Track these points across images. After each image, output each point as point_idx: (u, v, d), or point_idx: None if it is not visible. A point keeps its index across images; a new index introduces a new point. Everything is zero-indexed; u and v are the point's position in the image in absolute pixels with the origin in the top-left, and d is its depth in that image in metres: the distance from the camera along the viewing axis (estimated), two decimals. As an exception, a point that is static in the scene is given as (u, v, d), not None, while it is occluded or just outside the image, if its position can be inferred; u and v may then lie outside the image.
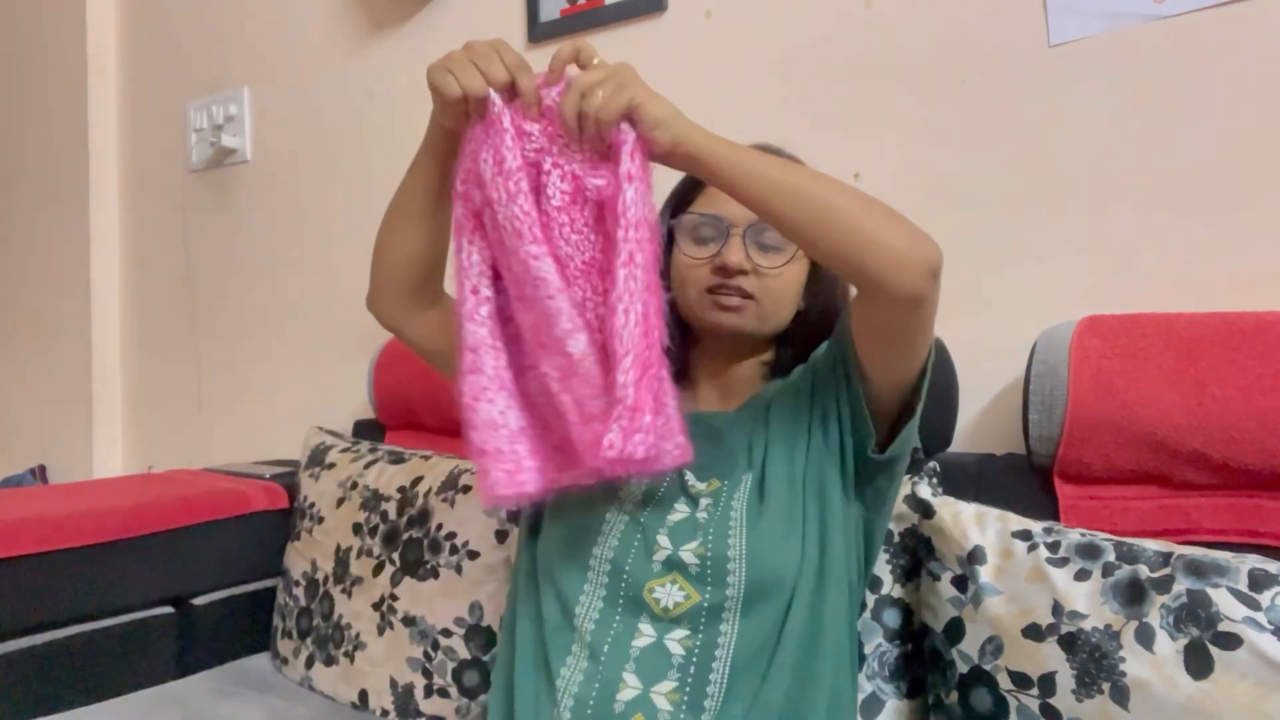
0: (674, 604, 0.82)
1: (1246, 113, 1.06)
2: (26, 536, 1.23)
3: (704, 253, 0.91)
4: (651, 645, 0.81)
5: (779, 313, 0.93)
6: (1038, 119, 1.18)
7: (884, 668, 0.96)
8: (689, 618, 0.82)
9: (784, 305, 0.93)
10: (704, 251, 0.91)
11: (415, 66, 1.79)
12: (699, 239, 0.92)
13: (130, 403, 2.36)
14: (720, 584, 0.82)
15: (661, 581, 0.83)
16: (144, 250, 2.33)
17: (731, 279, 0.89)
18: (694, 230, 0.93)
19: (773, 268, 0.90)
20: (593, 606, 0.85)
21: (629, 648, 0.81)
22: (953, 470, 1.05)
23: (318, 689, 1.32)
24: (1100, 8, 1.13)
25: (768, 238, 0.90)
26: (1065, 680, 0.80)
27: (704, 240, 0.92)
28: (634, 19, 1.51)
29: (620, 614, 0.83)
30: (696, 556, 0.83)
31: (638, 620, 0.83)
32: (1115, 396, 0.94)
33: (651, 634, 0.82)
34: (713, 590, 0.82)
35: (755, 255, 0.90)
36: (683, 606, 0.82)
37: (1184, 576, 0.79)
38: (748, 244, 0.90)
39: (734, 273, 0.89)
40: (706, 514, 0.86)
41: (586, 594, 0.85)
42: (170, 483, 1.56)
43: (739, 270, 0.89)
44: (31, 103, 2.44)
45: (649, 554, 0.85)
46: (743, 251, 0.89)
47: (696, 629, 0.81)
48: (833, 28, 1.33)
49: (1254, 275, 1.05)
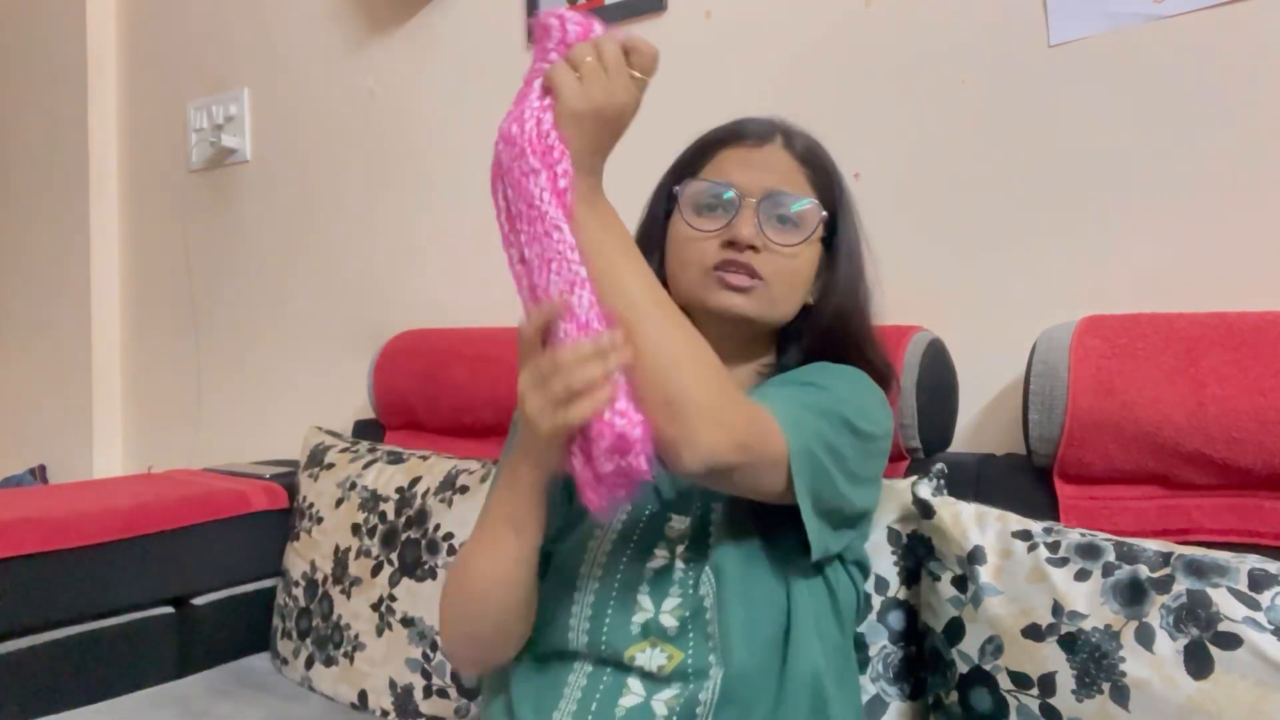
0: (658, 666, 0.77)
1: (1246, 113, 1.06)
2: (26, 536, 1.23)
3: (711, 224, 0.82)
4: (638, 705, 0.77)
5: (789, 299, 0.85)
6: (1038, 119, 1.18)
7: (888, 669, 0.96)
8: (678, 675, 0.77)
9: (795, 291, 0.85)
10: (711, 223, 0.82)
11: (415, 66, 1.81)
12: (706, 209, 0.83)
13: (130, 403, 2.36)
14: (701, 644, 0.77)
15: (641, 648, 0.78)
16: (144, 250, 2.33)
17: (741, 254, 0.80)
18: (700, 199, 0.84)
19: (788, 245, 0.82)
20: (581, 671, 0.79)
21: (615, 707, 0.77)
22: (953, 470, 1.05)
23: (317, 689, 1.32)
24: (1100, 8, 1.13)
25: (784, 211, 0.82)
26: (1065, 680, 0.80)
27: (711, 210, 0.83)
28: (634, 19, 1.51)
29: (608, 674, 0.78)
30: (676, 619, 0.78)
31: (626, 677, 0.78)
32: (1115, 396, 0.94)
33: (640, 693, 0.77)
34: (694, 652, 0.77)
35: (770, 230, 0.81)
36: (667, 668, 0.77)
37: (1184, 576, 0.79)
38: (761, 217, 0.81)
39: (744, 248, 0.80)
40: (684, 563, 0.80)
41: (572, 659, 0.80)
42: (170, 483, 1.56)
43: (750, 245, 0.80)
44: (31, 103, 2.44)
45: (628, 616, 0.79)
46: (755, 224, 0.81)
47: (685, 683, 0.77)
48: (833, 28, 1.33)
49: (1254, 275, 1.05)
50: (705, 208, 0.83)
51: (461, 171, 1.73)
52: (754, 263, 0.81)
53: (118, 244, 2.37)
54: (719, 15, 1.44)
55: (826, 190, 0.87)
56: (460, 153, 1.74)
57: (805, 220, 0.83)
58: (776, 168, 0.85)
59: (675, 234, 0.85)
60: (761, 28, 1.40)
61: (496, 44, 1.68)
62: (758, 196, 0.81)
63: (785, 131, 0.88)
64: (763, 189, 0.82)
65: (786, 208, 0.82)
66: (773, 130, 0.88)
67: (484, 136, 1.46)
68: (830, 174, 0.89)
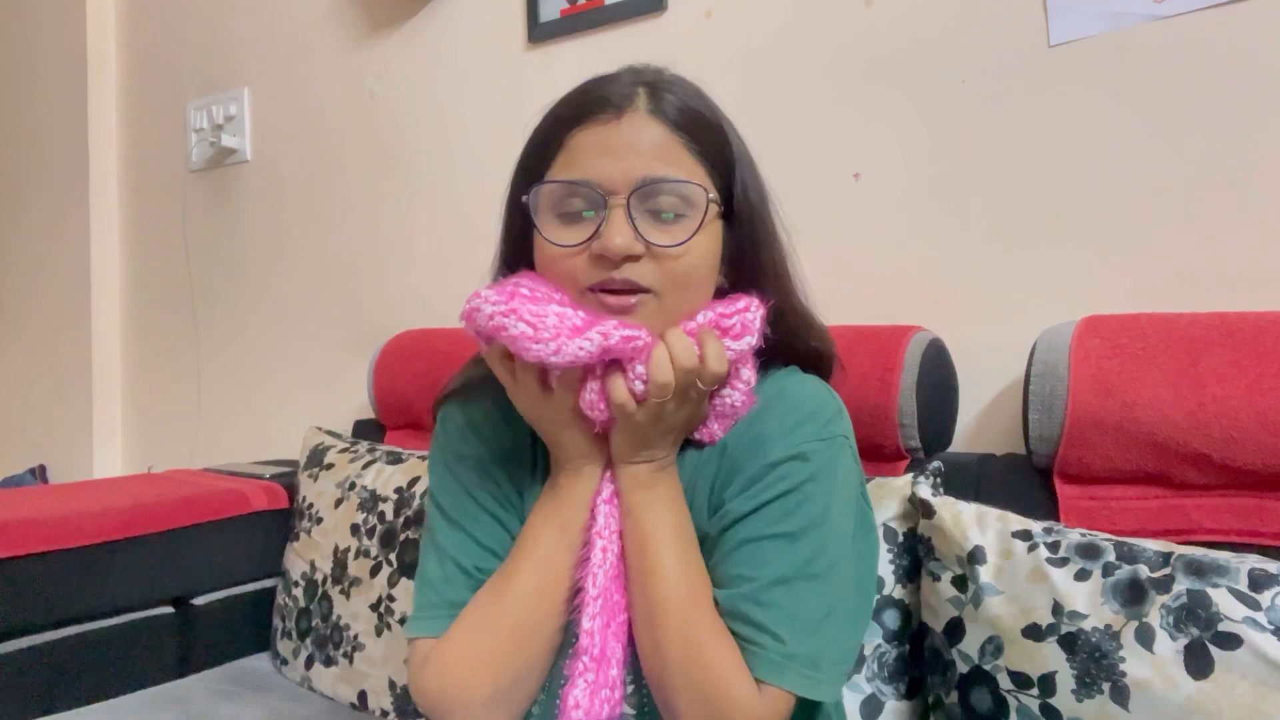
0: None
1: (1247, 113, 1.06)
2: (26, 536, 1.23)
3: (576, 235, 0.67)
4: None
5: (689, 302, 0.69)
6: (1038, 119, 1.18)
7: (883, 669, 0.96)
8: None
9: (695, 291, 0.70)
10: (575, 233, 0.67)
11: (416, 66, 1.81)
12: (566, 216, 0.68)
13: (130, 403, 2.36)
14: None
15: None
16: (144, 250, 2.33)
17: (618, 269, 0.65)
18: (557, 204, 0.68)
19: (673, 245, 0.66)
20: None
21: None
22: (953, 470, 1.05)
23: (317, 689, 1.32)
24: (1100, 8, 1.13)
25: (662, 201, 0.66)
26: (1065, 680, 0.80)
27: (573, 219, 0.68)
28: (634, 19, 1.51)
29: None
30: None
31: None
32: (1115, 396, 0.93)
33: None
34: None
35: (647, 230, 0.66)
36: None
37: (1184, 576, 0.79)
38: (635, 216, 0.65)
39: (620, 261, 0.65)
40: None
41: None
42: (170, 483, 1.56)
43: (627, 257, 0.65)
44: (31, 103, 2.44)
45: None
46: (629, 228, 0.65)
47: None
48: (833, 28, 1.33)
49: (1254, 275, 1.05)
50: (566, 216, 0.68)
51: (462, 171, 1.73)
52: (633, 276, 0.66)
53: (118, 244, 2.37)
54: (719, 15, 1.44)
55: (714, 153, 0.71)
56: (460, 152, 1.74)
57: (690, 205, 0.67)
58: (645, 144, 0.67)
59: (540, 251, 0.69)
60: (761, 28, 1.40)
61: (496, 44, 1.68)
62: (627, 190, 0.65)
63: (649, 86, 0.69)
64: (631, 179, 0.66)
65: (664, 196, 0.66)
66: (632, 89, 0.69)
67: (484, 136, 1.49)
68: (714, 131, 0.71)
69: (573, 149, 0.68)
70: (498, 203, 0.78)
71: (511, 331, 0.65)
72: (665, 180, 0.67)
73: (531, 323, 0.65)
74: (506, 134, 1.69)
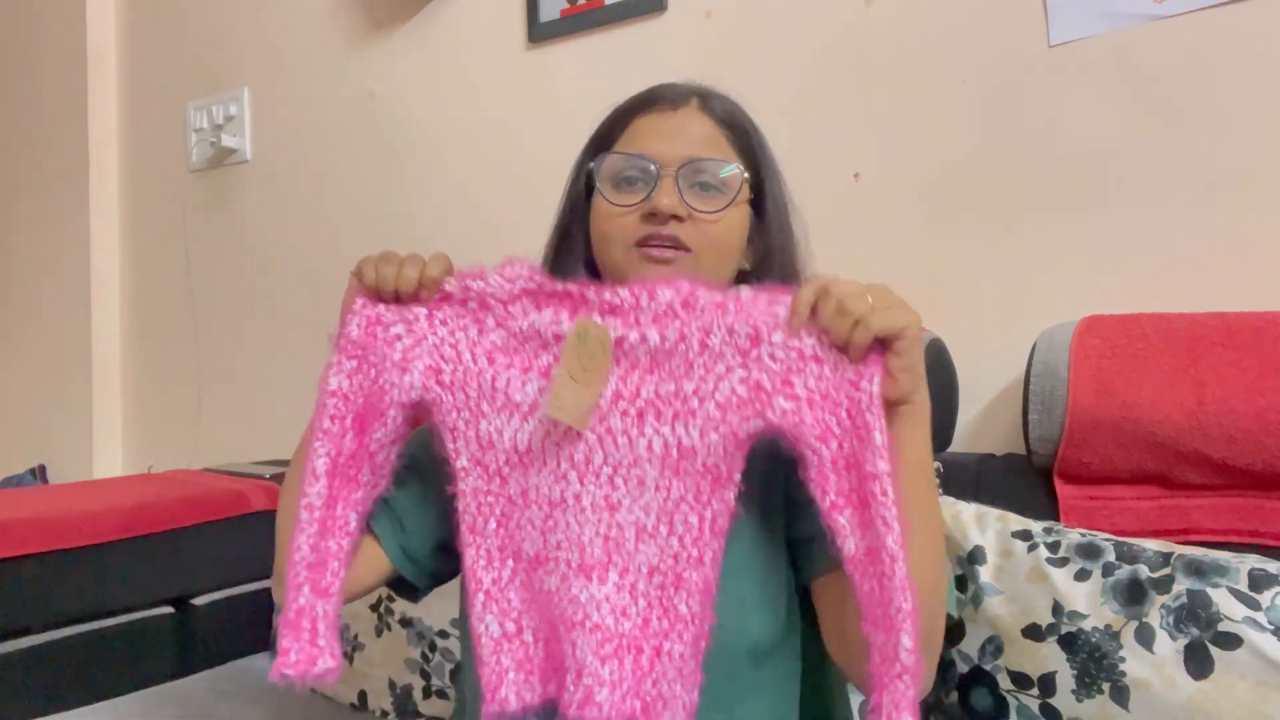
0: None
1: (1246, 112, 1.06)
2: (26, 536, 1.23)
3: (630, 198, 0.79)
4: None
5: (720, 268, 0.81)
6: (1038, 119, 1.18)
7: (884, 668, 0.96)
8: None
9: (725, 259, 0.81)
10: (630, 197, 0.79)
11: (416, 66, 1.81)
12: (624, 182, 0.80)
13: (130, 403, 2.36)
14: None
15: None
16: (144, 250, 2.33)
17: (665, 226, 0.77)
18: (617, 173, 0.80)
19: (711, 212, 0.78)
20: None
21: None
22: (953, 470, 1.05)
23: (318, 689, 1.32)
24: (1100, 8, 1.13)
25: (706, 178, 0.79)
26: (1065, 680, 0.80)
27: (630, 184, 0.79)
28: (634, 19, 1.51)
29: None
30: None
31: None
32: (1115, 396, 0.93)
33: None
34: None
35: (691, 199, 0.78)
36: None
37: (1184, 576, 0.79)
38: (681, 186, 0.77)
39: (667, 218, 0.77)
40: None
41: None
42: (170, 483, 1.56)
43: (672, 215, 0.77)
44: (31, 103, 2.44)
45: None
46: (676, 194, 0.77)
47: None
48: (833, 27, 1.33)
49: (1254, 275, 1.05)
50: (624, 181, 0.80)
51: (461, 171, 1.73)
52: (678, 233, 0.77)
53: (118, 244, 2.37)
54: (719, 15, 1.44)
55: (749, 152, 0.84)
56: (460, 152, 1.74)
57: (728, 184, 0.79)
58: (694, 133, 0.81)
59: (596, 211, 0.82)
60: (761, 28, 1.40)
61: (496, 44, 1.68)
62: (676, 165, 0.78)
63: (702, 94, 0.84)
64: (681, 156, 0.78)
65: (707, 173, 0.79)
66: (688, 93, 0.84)
67: (484, 136, 1.48)
68: (751, 135, 0.85)
69: (635, 130, 0.82)
70: (498, 202, 0.81)
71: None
72: (708, 160, 0.79)
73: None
74: (506, 133, 1.70)
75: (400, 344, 0.73)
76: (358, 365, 0.73)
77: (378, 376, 0.73)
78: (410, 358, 0.72)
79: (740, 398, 0.65)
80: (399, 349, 0.73)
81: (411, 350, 0.73)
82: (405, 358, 0.72)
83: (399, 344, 0.73)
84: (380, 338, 0.73)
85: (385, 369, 0.72)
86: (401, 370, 0.72)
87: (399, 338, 0.73)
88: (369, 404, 0.73)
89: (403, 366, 0.72)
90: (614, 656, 0.65)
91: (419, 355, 0.72)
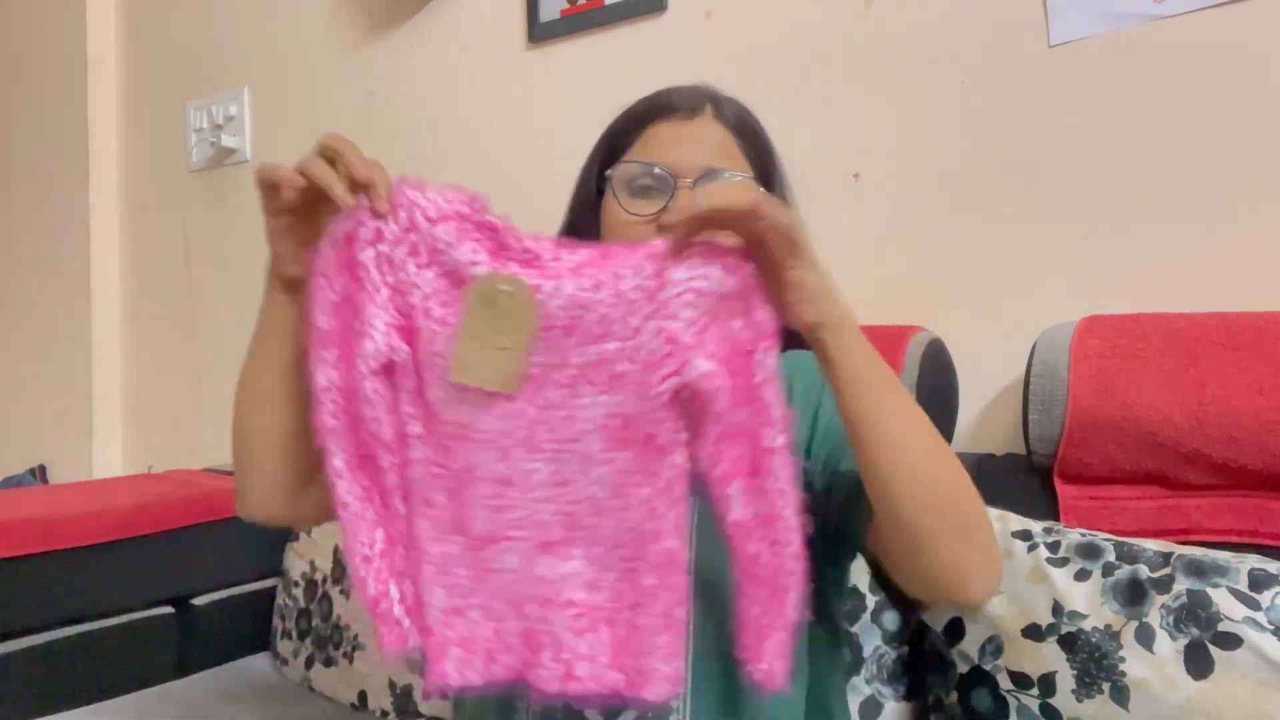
0: None
1: (1246, 113, 1.06)
2: (26, 536, 1.23)
3: (647, 207, 0.78)
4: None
5: None
6: (1038, 119, 1.18)
7: (882, 670, 0.96)
8: None
9: None
10: (646, 206, 0.79)
11: (416, 66, 1.81)
12: (640, 191, 0.80)
13: (130, 403, 2.36)
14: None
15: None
16: (144, 250, 2.33)
17: None
18: (633, 180, 0.80)
19: None
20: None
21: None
22: (953, 470, 1.05)
23: (317, 689, 1.32)
24: (1100, 8, 1.13)
25: None
26: (1065, 680, 0.80)
27: (645, 193, 0.79)
28: (634, 19, 1.51)
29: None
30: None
31: None
32: (1115, 396, 0.94)
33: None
34: None
35: None
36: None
37: (1184, 576, 0.79)
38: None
39: None
40: None
41: None
42: (170, 483, 1.56)
43: None
44: (31, 103, 2.44)
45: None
46: None
47: None
48: (832, 27, 1.33)
49: (1254, 275, 1.05)
50: (640, 190, 0.80)
51: (462, 171, 1.73)
52: None
53: (118, 244, 2.36)
54: (719, 15, 1.44)
55: (761, 160, 0.85)
56: (460, 152, 1.74)
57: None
58: (709, 142, 0.82)
59: (611, 218, 0.81)
60: (761, 28, 1.40)
61: (496, 44, 1.68)
62: (693, 176, 0.78)
63: (715, 100, 0.85)
64: (698, 167, 0.78)
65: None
66: (702, 100, 0.84)
67: (484, 136, 1.47)
68: (763, 142, 0.87)
69: (650, 137, 0.82)
70: (498, 202, 0.79)
71: None
72: (724, 171, 0.80)
73: None
74: (506, 134, 1.70)
75: (368, 311, 0.64)
76: (339, 354, 0.65)
77: (352, 356, 0.65)
78: (367, 318, 0.63)
79: (657, 354, 0.61)
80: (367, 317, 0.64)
81: (368, 309, 0.63)
82: (365, 321, 0.63)
83: (367, 311, 0.64)
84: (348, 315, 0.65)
85: (356, 344, 0.65)
86: (363, 337, 0.63)
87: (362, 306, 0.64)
88: (349, 387, 0.66)
89: (363, 333, 0.63)
90: (590, 630, 0.64)
91: (376, 313, 0.63)
